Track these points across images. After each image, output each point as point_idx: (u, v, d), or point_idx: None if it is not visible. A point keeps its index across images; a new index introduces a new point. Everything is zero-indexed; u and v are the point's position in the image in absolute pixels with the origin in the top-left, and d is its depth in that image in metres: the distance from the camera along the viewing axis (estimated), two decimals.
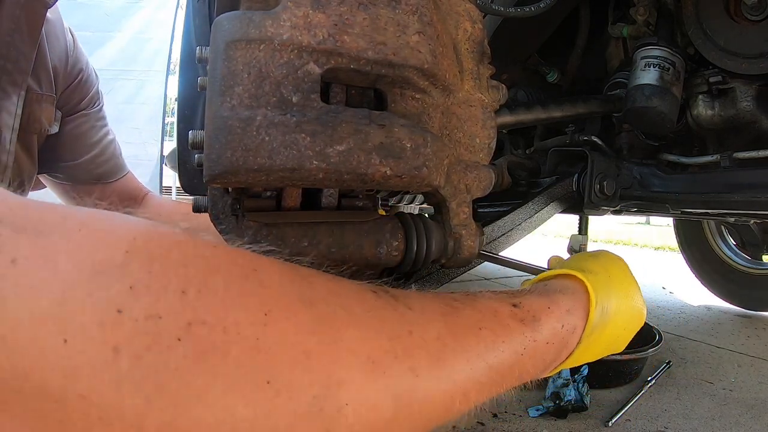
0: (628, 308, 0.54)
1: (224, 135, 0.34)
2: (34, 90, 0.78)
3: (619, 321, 0.53)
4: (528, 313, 0.43)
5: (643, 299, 0.58)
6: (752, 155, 0.93)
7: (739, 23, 0.87)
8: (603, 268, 0.55)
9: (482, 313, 0.40)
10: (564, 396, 1.19)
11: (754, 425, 1.18)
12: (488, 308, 0.41)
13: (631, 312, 0.55)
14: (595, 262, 0.56)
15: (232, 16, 0.35)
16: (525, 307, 0.44)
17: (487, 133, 0.50)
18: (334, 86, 0.39)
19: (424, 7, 0.39)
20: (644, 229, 8.98)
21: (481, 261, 0.85)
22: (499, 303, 0.43)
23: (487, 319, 0.39)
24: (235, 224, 0.44)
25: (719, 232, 2.43)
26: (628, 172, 1.03)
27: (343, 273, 0.44)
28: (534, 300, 0.45)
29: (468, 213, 0.49)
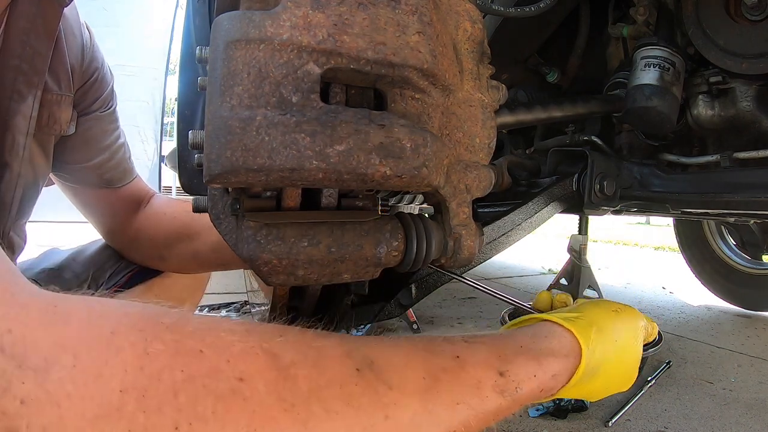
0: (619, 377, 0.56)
1: (224, 135, 0.34)
2: (54, 91, 0.76)
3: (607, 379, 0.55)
4: (512, 383, 0.44)
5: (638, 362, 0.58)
6: (752, 155, 0.93)
7: (739, 23, 0.87)
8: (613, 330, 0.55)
9: (464, 387, 0.41)
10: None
11: (754, 425, 1.18)
12: (472, 379, 0.42)
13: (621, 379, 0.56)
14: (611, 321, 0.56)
15: (232, 16, 0.35)
16: (511, 376, 0.44)
17: (486, 133, 0.49)
18: (334, 86, 0.39)
19: (423, 7, 0.39)
20: (644, 229, 8.97)
21: (480, 262, 0.85)
22: (486, 371, 0.43)
23: (467, 393, 0.41)
24: (235, 224, 0.44)
25: (719, 232, 2.43)
26: (628, 172, 1.03)
27: (343, 273, 0.44)
28: (523, 366, 0.46)
29: (468, 213, 0.49)
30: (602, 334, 0.54)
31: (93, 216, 0.99)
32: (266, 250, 0.40)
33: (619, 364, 0.55)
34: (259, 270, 0.41)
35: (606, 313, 0.57)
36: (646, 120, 0.95)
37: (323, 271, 0.42)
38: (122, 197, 0.97)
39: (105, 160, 0.91)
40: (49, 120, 0.77)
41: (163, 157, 3.98)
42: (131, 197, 0.98)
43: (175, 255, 0.97)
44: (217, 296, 2.14)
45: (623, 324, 0.57)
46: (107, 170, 0.92)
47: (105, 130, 0.90)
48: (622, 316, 0.58)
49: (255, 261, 0.40)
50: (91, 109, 0.87)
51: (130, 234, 0.99)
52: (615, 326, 0.56)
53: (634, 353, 0.57)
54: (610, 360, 0.53)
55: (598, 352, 0.52)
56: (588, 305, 0.59)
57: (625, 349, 0.55)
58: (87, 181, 0.91)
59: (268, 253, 0.40)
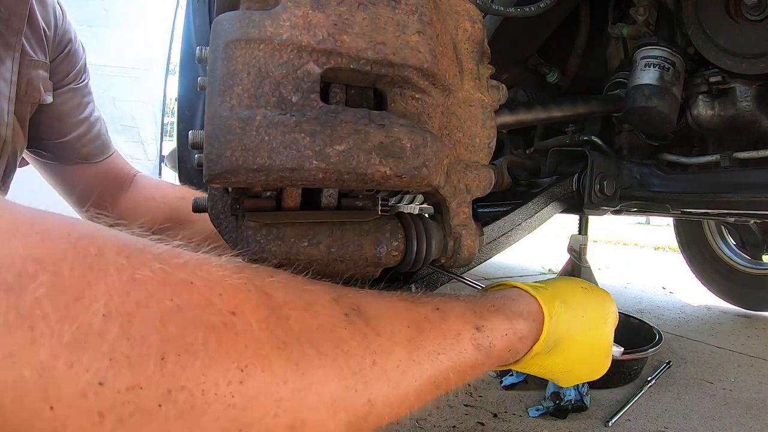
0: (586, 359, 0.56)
1: (224, 135, 0.34)
2: (31, 56, 0.72)
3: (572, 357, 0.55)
4: (486, 339, 0.45)
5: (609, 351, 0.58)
6: (752, 155, 0.93)
7: (739, 23, 0.87)
8: (580, 305, 0.55)
9: (445, 337, 0.42)
10: (564, 396, 1.19)
11: (754, 425, 1.18)
12: (452, 331, 0.43)
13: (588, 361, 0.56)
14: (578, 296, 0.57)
15: (232, 16, 0.35)
16: (486, 332, 0.46)
17: (486, 133, 0.49)
18: (334, 86, 0.39)
19: (423, 7, 0.39)
20: (644, 229, 8.98)
21: (480, 262, 0.85)
22: (465, 324, 0.44)
23: (447, 345, 0.42)
24: (234, 224, 0.44)
25: (719, 232, 2.43)
26: (628, 172, 1.03)
27: (343, 273, 0.44)
28: (497, 324, 0.47)
29: (468, 213, 0.49)
30: (567, 307, 0.54)
31: (73, 195, 0.93)
32: (266, 250, 0.40)
33: (585, 343, 0.54)
34: None
35: (573, 288, 0.57)
36: (646, 120, 0.95)
37: (323, 271, 0.42)
38: (102, 173, 0.93)
39: (82, 133, 0.87)
40: (28, 87, 0.74)
41: (163, 157, 3.98)
42: (112, 173, 0.94)
43: None
44: None
45: (591, 301, 0.57)
46: (85, 144, 0.88)
47: (80, 103, 0.87)
48: (591, 295, 0.58)
49: (255, 261, 0.40)
50: (65, 81, 0.84)
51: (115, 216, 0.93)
52: (582, 302, 0.56)
53: (602, 335, 0.56)
54: (574, 335, 0.53)
55: (562, 323, 0.52)
56: (557, 280, 0.59)
57: (592, 327, 0.55)
58: (65, 156, 0.87)
59: (268, 253, 0.40)
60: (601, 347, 0.56)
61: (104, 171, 0.93)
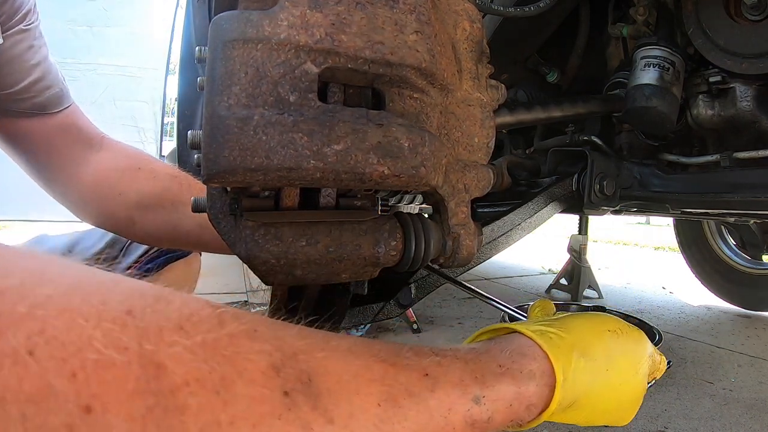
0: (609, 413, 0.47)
1: (221, 134, 0.34)
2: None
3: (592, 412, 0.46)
4: (486, 413, 0.37)
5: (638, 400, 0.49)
6: (752, 155, 0.93)
7: (739, 23, 0.87)
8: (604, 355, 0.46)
9: (431, 417, 0.33)
10: None
11: (754, 425, 1.18)
12: (442, 407, 0.34)
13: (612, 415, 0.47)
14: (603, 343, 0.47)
15: (230, 16, 0.35)
16: (487, 403, 0.37)
17: (485, 133, 0.49)
18: (332, 86, 0.39)
19: (422, 6, 0.39)
20: (644, 229, 8.97)
21: (480, 262, 0.85)
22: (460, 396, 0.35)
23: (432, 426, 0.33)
24: (233, 224, 0.44)
25: (719, 232, 2.43)
26: (628, 172, 1.03)
27: (341, 273, 0.44)
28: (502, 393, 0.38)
29: (467, 213, 0.49)
30: (588, 360, 0.44)
31: (28, 154, 0.82)
32: (264, 249, 0.40)
33: (610, 399, 0.45)
34: (257, 269, 0.41)
35: (597, 332, 0.47)
36: (646, 120, 0.95)
37: (321, 271, 0.42)
38: (62, 125, 0.82)
39: (36, 79, 0.78)
40: None
41: (164, 157, 3.98)
42: (74, 127, 0.83)
43: (150, 221, 0.83)
44: (217, 296, 2.14)
45: (620, 349, 0.47)
46: (39, 91, 0.79)
47: (31, 46, 0.78)
48: (621, 340, 0.47)
49: (253, 260, 0.40)
50: (13, 23, 0.75)
51: (85, 181, 0.82)
52: (607, 351, 0.46)
53: (633, 387, 0.47)
54: (597, 393, 0.44)
55: (580, 382, 0.43)
56: (577, 319, 0.49)
57: (619, 382, 0.46)
58: (18, 107, 0.78)
59: (266, 253, 0.40)
60: (632, 399, 0.48)
61: (64, 123, 0.82)
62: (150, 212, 0.83)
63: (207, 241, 0.82)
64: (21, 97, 0.77)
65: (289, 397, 0.26)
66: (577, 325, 0.47)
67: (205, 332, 0.26)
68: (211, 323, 0.26)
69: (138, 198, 0.82)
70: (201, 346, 0.25)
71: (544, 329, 0.45)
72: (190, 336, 0.25)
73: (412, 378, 0.33)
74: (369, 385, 0.30)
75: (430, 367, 0.35)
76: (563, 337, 0.45)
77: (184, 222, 0.82)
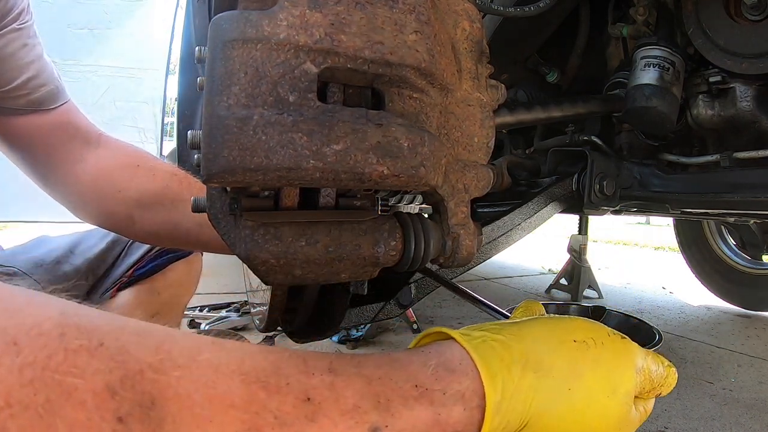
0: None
1: (221, 134, 0.34)
2: None
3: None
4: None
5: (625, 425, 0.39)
6: (752, 155, 0.93)
7: (739, 23, 0.87)
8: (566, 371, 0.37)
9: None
10: None
11: (754, 425, 1.18)
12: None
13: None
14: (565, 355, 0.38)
15: (229, 16, 0.35)
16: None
17: (485, 133, 0.49)
18: (332, 86, 0.39)
19: (421, 6, 0.39)
20: (644, 229, 8.97)
21: (480, 262, 0.85)
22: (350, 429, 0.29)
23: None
24: (233, 224, 0.44)
25: (719, 232, 2.43)
26: (628, 172, 1.03)
27: (341, 273, 0.44)
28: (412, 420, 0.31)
29: (466, 213, 0.49)
30: (541, 376, 0.36)
31: (25, 152, 0.82)
32: (264, 249, 0.40)
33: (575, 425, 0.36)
34: (257, 269, 0.41)
35: (556, 342, 0.38)
36: (646, 120, 0.95)
37: (321, 271, 0.42)
38: (58, 122, 0.83)
39: (31, 77, 0.79)
40: None
41: (164, 157, 3.99)
42: (72, 123, 0.84)
43: (149, 219, 0.82)
44: (217, 296, 2.14)
45: (590, 363, 0.37)
46: (35, 88, 0.80)
47: (25, 44, 0.79)
48: (591, 352, 0.38)
49: (252, 260, 0.40)
50: (6, 23, 0.77)
51: (84, 179, 0.82)
52: (572, 365, 0.37)
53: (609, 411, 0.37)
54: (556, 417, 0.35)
55: (529, 403, 0.35)
56: (536, 325, 0.40)
57: (587, 404, 0.36)
58: (13, 104, 0.79)
59: (266, 253, 0.40)
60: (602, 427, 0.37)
61: (60, 120, 0.82)
62: (150, 210, 0.82)
63: (207, 240, 0.81)
64: (16, 94, 0.78)
65: (122, 423, 0.23)
66: (532, 332, 0.39)
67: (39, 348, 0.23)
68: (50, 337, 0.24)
69: (137, 195, 0.82)
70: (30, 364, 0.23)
71: (489, 336, 0.38)
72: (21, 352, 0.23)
73: (286, 404, 0.28)
74: (227, 413, 0.26)
75: (315, 390, 0.29)
76: (510, 346, 0.37)
77: (184, 220, 0.81)
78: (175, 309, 1.07)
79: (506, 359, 0.36)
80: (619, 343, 0.40)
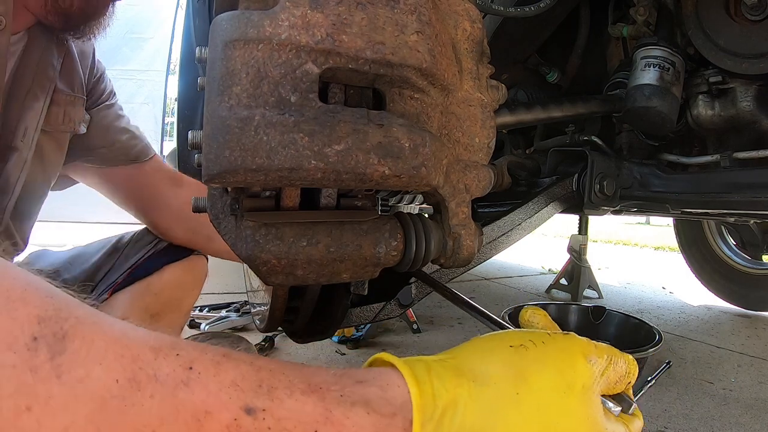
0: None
1: (222, 135, 0.34)
2: (67, 92, 0.89)
3: None
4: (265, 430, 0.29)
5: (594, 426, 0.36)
6: (752, 155, 0.93)
7: (739, 23, 0.87)
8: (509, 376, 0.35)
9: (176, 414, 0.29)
10: None
11: (754, 425, 1.18)
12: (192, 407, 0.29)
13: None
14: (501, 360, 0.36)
15: (231, 16, 0.35)
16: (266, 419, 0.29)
17: (486, 133, 0.49)
18: (333, 86, 0.39)
19: (422, 7, 0.39)
20: (644, 229, 8.97)
21: (480, 262, 0.85)
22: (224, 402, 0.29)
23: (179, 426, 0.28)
24: (234, 224, 0.44)
25: (719, 232, 2.43)
26: (628, 172, 1.03)
27: (342, 273, 0.44)
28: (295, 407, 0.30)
29: (467, 213, 0.49)
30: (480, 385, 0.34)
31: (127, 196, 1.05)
32: (265, 249, 0.40)
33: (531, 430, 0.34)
34: (258, 270, 0.41)
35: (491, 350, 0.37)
36: (646, 120, 0.95)
37: (322, 271, 0.42)
38: (153, 169, 1.06)
39: (128, 138, 1.03)
40: (65, 118, 0.89)
41: (164, 157, 3.99)
42: (163, 171, 1.08)
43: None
44: (217, 296, 2.14)
45: (534, 364, 0.35)
46: (133, 146, 1.04)
47: (118, 115, 1.04)
48: (532, 353, 0.36)
49: (254, 261, 0.40)
50: (101, 100, 1.01)
51: (174, 209, 1.04)
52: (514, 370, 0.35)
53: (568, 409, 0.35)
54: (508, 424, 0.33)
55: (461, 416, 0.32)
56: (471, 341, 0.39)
57: (538, 406, 0.34)
58: (116, 160, 1.02)
59: (267, 253, 0.40)
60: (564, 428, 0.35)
61: (155, 168, 1.07)
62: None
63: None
64: (115, 153, 1.02)
65: (35, 342, 0.28)
66: (466, 348, 0.38)
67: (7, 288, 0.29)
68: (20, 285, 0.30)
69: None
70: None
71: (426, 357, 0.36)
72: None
73: (167, 366, 0.30)
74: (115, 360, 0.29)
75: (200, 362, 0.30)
76: (443, 360, 0.36)
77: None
78: (176, 310, 1.08)
79: (436, 370, 0.34)
80: (561, 339, 0.38)
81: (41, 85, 0.84)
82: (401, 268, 0.47)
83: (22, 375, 0.27)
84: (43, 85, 0.84)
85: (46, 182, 0.93)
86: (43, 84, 0.84)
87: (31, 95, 0.82)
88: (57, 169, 0.94)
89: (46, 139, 0.87)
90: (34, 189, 0.89)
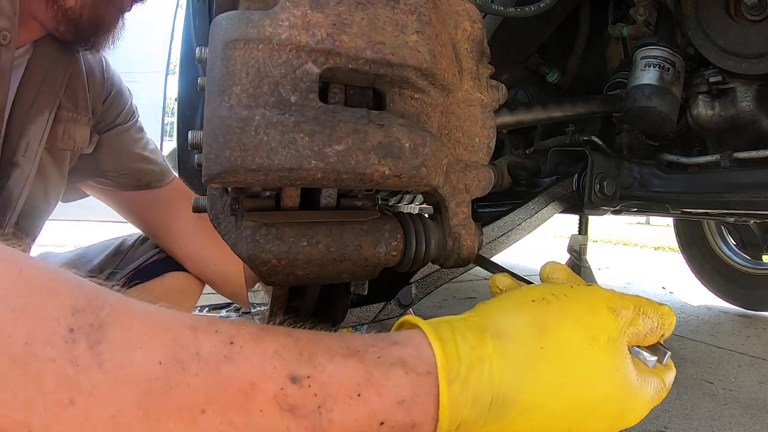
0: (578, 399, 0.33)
1: (222, 135, 0.34)
2: (69, 109, 0.87)
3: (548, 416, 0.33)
4: (313, 398, 0.29)
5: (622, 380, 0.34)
6: (752, 155, 0.93)
7: (739, 23, 0.87)
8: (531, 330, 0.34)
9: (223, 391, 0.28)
10: None
11: (754, 425, 1.18)
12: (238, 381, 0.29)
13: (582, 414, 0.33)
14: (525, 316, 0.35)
15: (231, 16, 0.35)
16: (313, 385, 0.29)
17: (486, 133, 0.49)
18: (333, 86, 0.39)
19: (422, 7, 0.39)
20: (644, 229, 8.97)
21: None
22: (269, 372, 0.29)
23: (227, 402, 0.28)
24: (234, 224, 0.44)
25: (719, 232, 2.43)
26: (628, 172, 1.03)
27: (342, 273, 0.44)
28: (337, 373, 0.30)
29: (467, 213, 0.49)
30: (503, 341, 0.33)
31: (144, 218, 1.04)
32: (265, 249, 0.40)
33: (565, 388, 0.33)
34: (258, 270, 0.41)
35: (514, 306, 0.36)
36: (646, 120, 0.95)
37: (322, 271, 0.42)
38: (166, 196, 1.04)
39: (140, 167, 1.00)
40: (64, 135, 0.87)
41: (164, 157, 3.98)
42: (180, 195, 1.04)
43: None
44: (217, 296, 2.13)
45: (555, 316, 0.35)
46: (145, 173, 1.01)
47: (135, 139, 1.00)
48: (554, 306, 0.35)
49: (254, 261, 0.40)
50: (115, 123, 0.97)
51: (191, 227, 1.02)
52: (537, 324, 0.34)
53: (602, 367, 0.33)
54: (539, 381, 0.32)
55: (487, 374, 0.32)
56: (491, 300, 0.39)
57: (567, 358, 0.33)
58: (128, 185, 1.00)
59: (267, 253, 0.40)
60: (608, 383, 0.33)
61: (169, 194, 1.04)
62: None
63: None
64: (129, 177, 0.99)
65: (72, 333, 0.27)
66: (486, 306, 0.38)
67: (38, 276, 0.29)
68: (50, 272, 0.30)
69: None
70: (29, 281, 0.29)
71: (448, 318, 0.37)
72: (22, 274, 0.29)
73: (209, 342, 0.29)
74: (157, 343, 0.29)
75: (240, 336, 0.30)
76: (465, 319, 0.36)
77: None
78: None
79: (459, 328, 0.34)
80: (584, 291, 0.37)
81: (46, 99, 0.82)
82: (401, 268, 0.47)
83: (63, 368, 0.26)
84: (47, 99, 0.82)
85: (47, 200, 0.90)
86: (47, 99, 0.82)
87: (35, 109, 0.80)
88: (59, 188, 0.92)
89: (46, 155, 0.85)
90: (37, 206, 0.87)
